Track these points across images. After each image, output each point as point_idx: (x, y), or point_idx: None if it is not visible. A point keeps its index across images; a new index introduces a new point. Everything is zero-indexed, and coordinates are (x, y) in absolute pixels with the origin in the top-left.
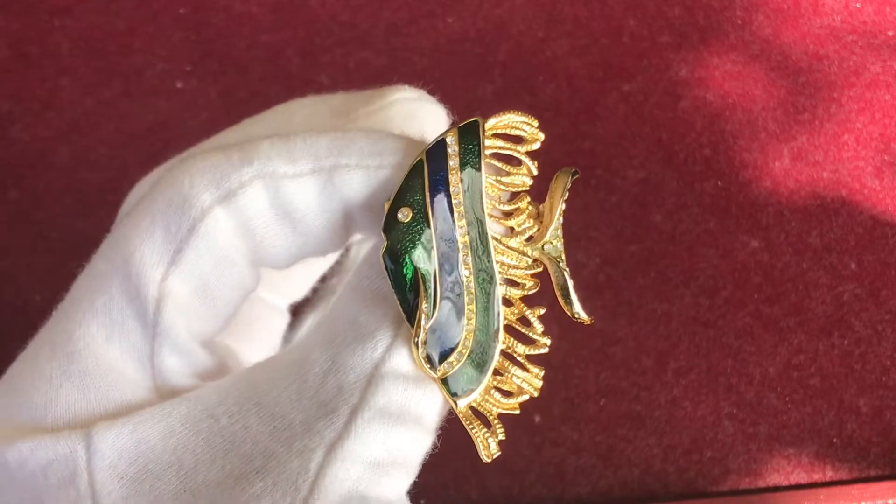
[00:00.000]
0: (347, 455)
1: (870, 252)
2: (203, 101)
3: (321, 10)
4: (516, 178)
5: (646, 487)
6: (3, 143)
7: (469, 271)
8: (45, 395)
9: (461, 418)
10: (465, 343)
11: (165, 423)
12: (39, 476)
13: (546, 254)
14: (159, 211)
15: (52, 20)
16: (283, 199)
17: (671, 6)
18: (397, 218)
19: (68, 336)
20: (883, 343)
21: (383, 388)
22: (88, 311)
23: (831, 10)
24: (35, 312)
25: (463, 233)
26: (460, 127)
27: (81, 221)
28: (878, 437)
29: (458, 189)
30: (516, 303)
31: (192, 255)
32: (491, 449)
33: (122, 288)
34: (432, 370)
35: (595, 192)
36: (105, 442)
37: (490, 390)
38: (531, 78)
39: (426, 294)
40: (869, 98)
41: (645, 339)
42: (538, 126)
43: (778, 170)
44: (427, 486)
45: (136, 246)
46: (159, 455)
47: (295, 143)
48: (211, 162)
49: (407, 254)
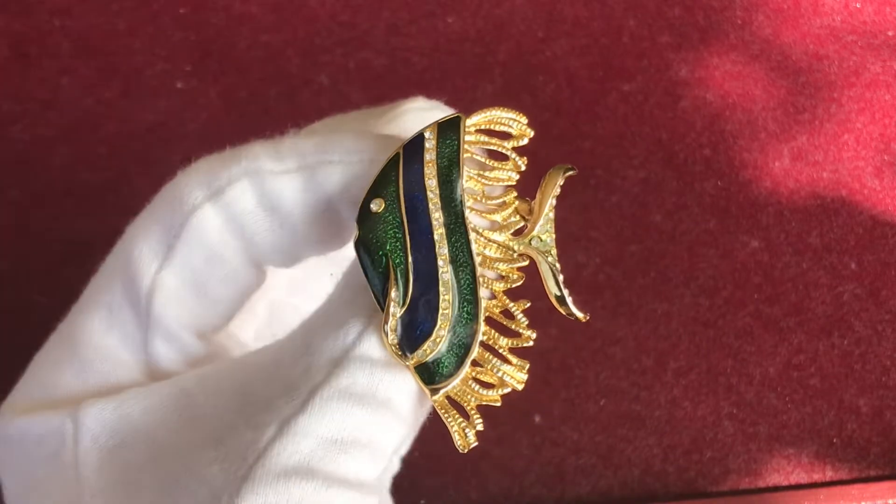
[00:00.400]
0: (300, 430)
1: (870, 252)
2: (203, 101)
3: (321, 10)
4: (501, 172)
5: (646, 487)
6: (3, 143)
7: (444, 262)
8: (50, 377)
9: (436, 407)
10: (440, 332)
11: (147, 401)
12: (33, 448)
13: (534, 248)
14: (158, 210)
15: (52, 20)
16: (268, 194)
17: (671, 6)
18: (370, 209)
19: (75, 327)
20: (883, 343)
21: (348, 371)
22: (93, 305)
23: (831, 10)
24: (35, 312)
25: (438, 224)
26: (440, 122)
27: (81, 221)
28: (878, 437)
29: (434, 182)
30: (499, 296)
31: (183, 250)
32: (468, 439)
33: (122, 283)
34: (404, 358)
35: (595, 192)
36: (90, 416)
37: (469, 381)
38: (531, 78)
39: (396, 283)
40: (869, 98)
41: (645, 339)
42: (527, 122)
43: (778, 170)
44: (427, 486)
45: (136, 244)
46: (136, 428)
47: (283, 144)
48: (206, 164)
49: (378, 243)
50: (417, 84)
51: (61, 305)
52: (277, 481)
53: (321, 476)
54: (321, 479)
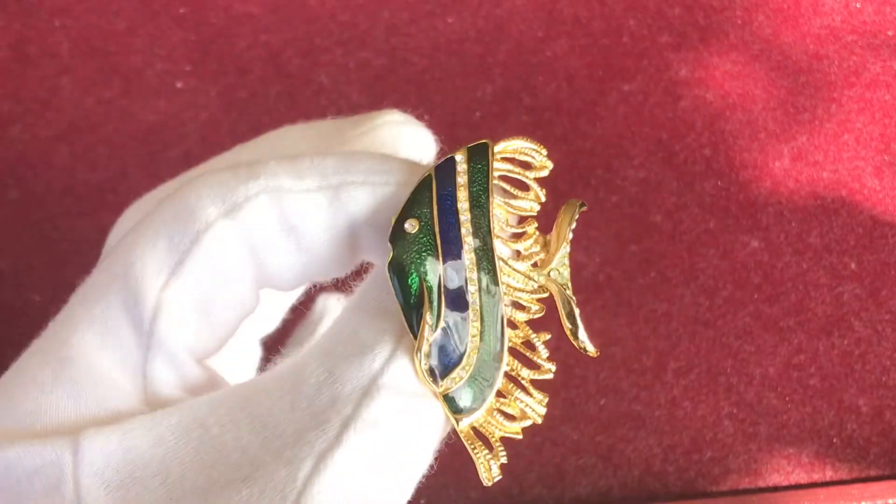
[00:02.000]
0: (337, 466)
1: (870, 252)
2: (203, 101)
3: (321, 10)
4: (524, 202)
5: (646, 487)
6: (3, 143)
7: (475, 288)
8: (36, 402)
9: (463, 438)
10: (469, 360)
11: (155, 432)
12: (25, 483)
13: (552, 280)
14: (164, 223)
15: (52, 20)
16: (288, 213)
17: (671, 6)
18: (404, 229)
19: (62, 342)
20: (883, 343)
21: (379, 400)
22: (85, 318)
23: (831, 10)
24: (35, 312)
25: (469, 249)
26: (470, 147)
27: (81, 221)
28: (877, 436)
29: (466, 206)
30: (521, 326)
31: (193, 267)
32: (493, 472)
33: (120, 297)
34: (435, 384)
35: (595, 192)
36: (93, 449)
37: (493, 412)
38: (531, 78)
39: (430, 306)
40: (869, 98)
41: (645, 339)
42: (547, 155)
43: (778, 170)
44: (427, 486)
45: (138, 256)
46: (147, 463)
47: (302, 162)
48: (218, 178)
49: (413, 265)
50: (417, 84)
51: (59, 305)
52: None
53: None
54: None
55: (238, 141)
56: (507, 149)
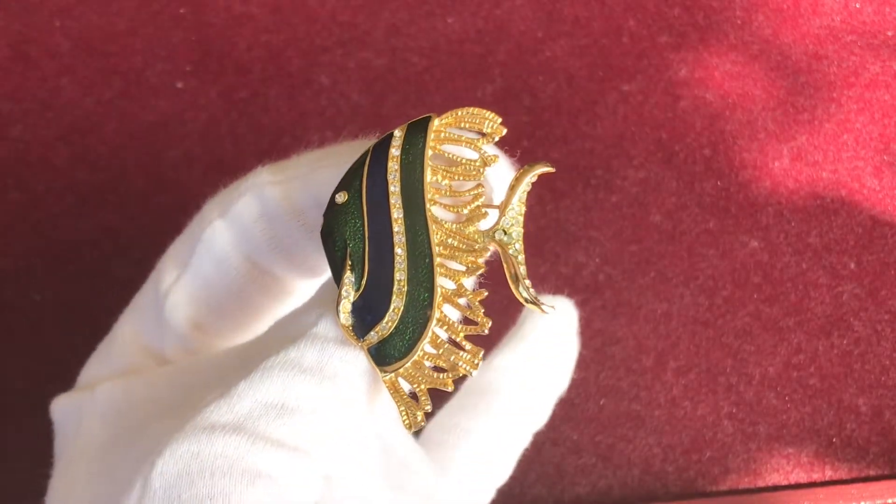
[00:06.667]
0: (238, 393)
1: (869, 252)
2: (203, 101)
3: (321, 10)
4: (467, 167)
5: (645, 487)
6: (3, 143)
7: (403, 250)
8: (92, 366)
9: (386, 386)
10: (392, 316)
11: (150, 379)
12: (63, 424)
13: (497, 240)
14: (186, 233)
15: (52, 20)
16: (268, 204)
17: (671, 6)
18: (335, 201)
19: (117, 324)
20: (882, 343)
21: (299, 346)
22: (130, 309)
23: (831, 10)
24: (35, 312)
25: (398, 215)
26: (411, 122)
27: (81, 221)
28: (877, 436)
29: (397, 176)
30: (459, 285)
31: (196, 260)
32: (417, 419)
33: (153, 291)
34: (357, 339)
35: (595, 192)
36: (102, 394)
37: (422, 365)
38: (531, 78)
39: (352, 268)
40: (869, 98)
41: (645, 339)
42: (501, 121)
43: (778, 170)
44: None
45: (166, 261)
46: (137, 398)
47: (287, 161)
48: (226, 189)
49: (338, 232)
50: (417, 84)
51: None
52: (202, 433)
53: (249, 432)
54: (248, 434)
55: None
56: (451, 120)
